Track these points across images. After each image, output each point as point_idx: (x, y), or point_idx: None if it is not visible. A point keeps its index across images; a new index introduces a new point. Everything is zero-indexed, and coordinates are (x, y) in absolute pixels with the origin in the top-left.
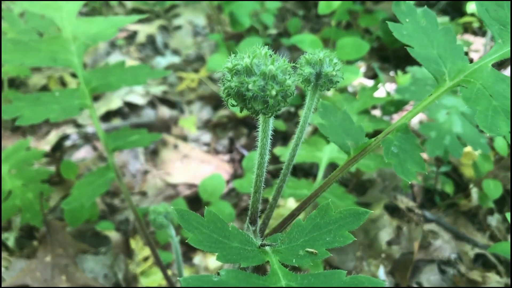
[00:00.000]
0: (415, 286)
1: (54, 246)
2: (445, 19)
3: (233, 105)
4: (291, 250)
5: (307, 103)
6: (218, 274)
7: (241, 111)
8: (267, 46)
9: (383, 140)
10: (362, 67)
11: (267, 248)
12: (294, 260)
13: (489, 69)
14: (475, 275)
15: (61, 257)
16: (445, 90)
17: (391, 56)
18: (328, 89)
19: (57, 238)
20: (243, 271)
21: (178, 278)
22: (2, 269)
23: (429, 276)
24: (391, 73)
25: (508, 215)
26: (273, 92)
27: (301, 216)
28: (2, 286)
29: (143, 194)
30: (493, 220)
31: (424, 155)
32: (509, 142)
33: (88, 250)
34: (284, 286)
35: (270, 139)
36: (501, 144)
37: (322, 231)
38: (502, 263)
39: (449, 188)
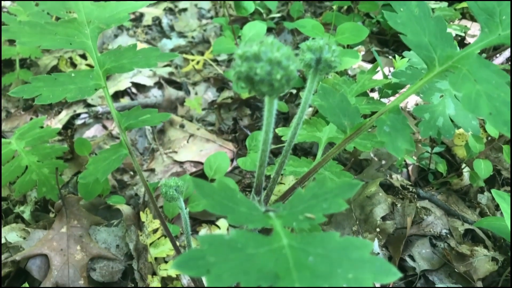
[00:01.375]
0: (407, 258)
1: (69, 218)
2: (443, 4)
3: (242, 88)
4: (292, 215)
5: (307, 86)
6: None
7: (249, 93)
8: (272, 34)
9: (377, 120)
10: (362, 51)
11: (270, 213)
12: (294, 223)
13: (475, 56)
14: (464, 249)
15: (76, 229)
16: (434, 75)
17: (390, 40)
18: (327, 73)
19: (72, 211)
20: (250, 231)
21: (187, 246)
22: (20, 239)
23: (421, 249)
24: (390, 57)
25: (494, 192)
26: (278, 76)
27: None
28: (22, 253)
29: (152, 171)
30: (483, 198)
31: (420, 136)
32: (492, 123)
33: (101, 223)
34: (285, 244)
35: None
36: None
37: (319, 200)
38: (490, 238)
39: (442, 168)
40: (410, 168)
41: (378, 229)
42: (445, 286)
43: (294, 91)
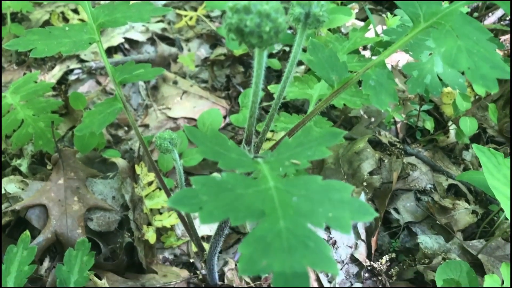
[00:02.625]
0: (392, 211)
1: (66, 170)
2: None
3: (233, 39)
4: (279, 161)
5: (297, 40)
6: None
7: (240, 45)
8: None
9: (363, 74)
10: (355, 9)
11: (259, 159)
12: (280, 168)
13: (458, 13)
14: (447, 202)
15: (72, 180)
16: (419, 31)
17: None
18: (316, 28)
19: (69, 163)
20: (240, 175)
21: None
22: (19, 190)
23: (406, 203)
24: (383, 15)
25: (475, 146)
26: (267, 28)
27: None
28: (22, 203)
29: (146, 126)
30: (468, 155)
31: (411, 95)
32: (469, 77)
33: (97, 175)
34: (272, 185)
35: (265, 77)
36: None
37: (304, 147)
38: (472, 192)
39: (429, 125)
40: (398, 125)
41: (365, 183)
42: (427, 236)
43: (287, 49)
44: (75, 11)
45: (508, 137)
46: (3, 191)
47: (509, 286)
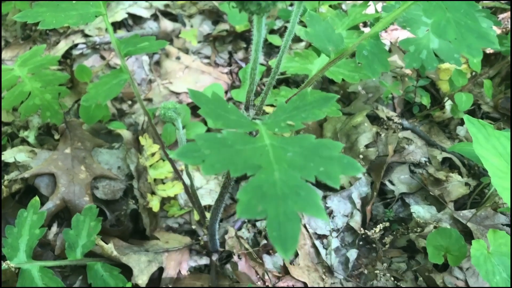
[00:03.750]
0: (387, 183)
1: (73, 140)
2: None
3: (233, 7)
4: (275, 122)
5: (294, 11)
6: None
7: (240, 11)
8: None
9: (358, 45)
10: None
11: (257, 121)
12: (277, 129)
13: None
14: (440, 175)
15: (79, 150)
16: (411, 3)
17: None
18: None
19: (76, 133)
20: (239, 133)
21: (184, 166)
22: (28, 159)
23: (400, 175)
24: None
25: (466, 117)
26: None
27: None
28: (31, 171)
29: (149, 100)
30: (462, 130)
31: (408, 71)
32: (456, 47)
33: (103, 145)
34: (268, 143)
35: (267, 53)
36: (474, 61)
37: (299, 111)
38: (465, 165)
39: (426, 101)
40: (395, 101)
41: (361, 156)
42: (420, 206)
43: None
44: None
45: (503, 113)
46: (12, 160)
47: (495, 250)
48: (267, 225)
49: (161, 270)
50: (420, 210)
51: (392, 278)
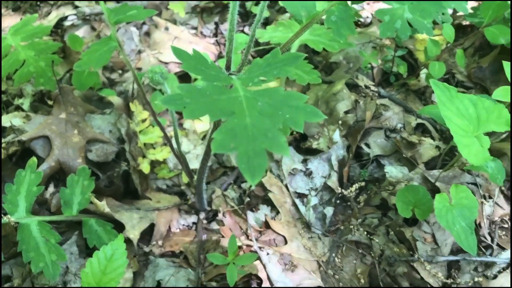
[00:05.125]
0: (363, 146)
1: (66, 105)
2: None
3: None
4: (250, 78)
5: None
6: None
7: None
8: None
9: (327, 11)
10: None
11: (233, 76)
12: (251, 83)
13: None
14: (413, 138)
15: (72, 115)
16: None
17: None
18: None
19: (68, 99)
20: (217, 85)
21: (174, 132)
22: (23, 123)
23: (376, 139)
24: None
25: (432, 81)
26: None
27: None
28: (27, 134)
29: (139, 69)
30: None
31: (387, 41)
32: (410, 11)
33: (95, 111)
34: (242, 94)
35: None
36: (448, 32)
37: (272, 67)
38: (437, 130)
39: (402, 69)
40: (374, 70)
41: (340, 122)
42: (393, 167)
43: None
44: None
45: (476, 82)
46: (9, 124)
47: (456, 202)
48: (237, 158)
49: (152, 226)
50: (393, 170)
51: (366, 233)
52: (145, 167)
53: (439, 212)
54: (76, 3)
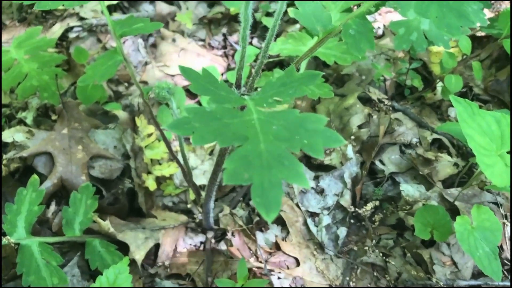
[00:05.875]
0: (377, 162)
1: (70, 121)
2: None
3: None
4: (263, 98)
5: None
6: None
7: None
8: None
9: (344, 24)
10: None
11: (245, 97)
12: (264, 104)
13: None
14: (430, 155)
15: (76, 130)
16: None
17: None
18: None
19: (72, 114)
20: (228, 107)
21: (180, 147)
22: (26, 139)
23: (391, 155)
24: None
25: (452, 97)
26: None
27: None
28: (29, 150)
29: (145, 83)
30: (453, 112)
31: (400, 54)
32: (436, 25)
33: (100, 126)
34: (255, 117)
35: (261, 36)
36: (465, 44)
37: (287, 87)
38: (454, 146)
39: (417, 83)
40: (387, 83)
41: (353, 137)
42: (409, 185)
43: (284, 7)
44: None
45: (493, 95)
46: (11, 139)
47: (478, 225)
48: (252, 191)
49: (157, 246)
50: (409, 189)
51: (381, 254)
52: (150, 184)
53: (460, 236)
54: (82, 14)
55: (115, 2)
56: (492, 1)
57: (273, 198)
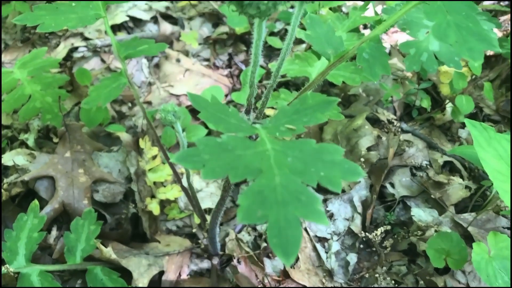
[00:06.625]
0: (387, 186)
1: (72, 143)
2: None
3: (233, 11)
4: (276, 126)
5: (295, 13)
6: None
7: (239, 14)
8: None
9: (358, 48)
10: None
11: (257, 125)
12: (277, 133)
13: None
14: (441, 178)
15: (79, 153)
16: (412, 6)
17: None
18: (313, 1)
19: (75, 136)
20: (240, 137)
21: (185, 170)
22: (27, 162)
23: (401, 178)
24: None
25: (467, 121)
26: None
27: None
28: (30, 174)
29: (149, 103)
30: (464, 133)
31: (408, 74)
32: (457, 50)
33: (103, 148)
34: (269, 147)
35: (267, 56)
36: (475, 64)
37: (300, 114)
38: (466, 168)
39: (426, 103)
40: (396, 103)
41: (362, 159)
42: (421, 209)
43: (289, 28)
44: None
45: (504, 115)
46: (12, 163)
47: (496, 253)
48: (268, 231)
49: (161, 273)
50: (421, 214)
51: (393, 282)
52: (154, 208)
53: (478, 265)
54: (86, 34)
55: (119, 22)
56: (501, 20)
57: (291, 238)
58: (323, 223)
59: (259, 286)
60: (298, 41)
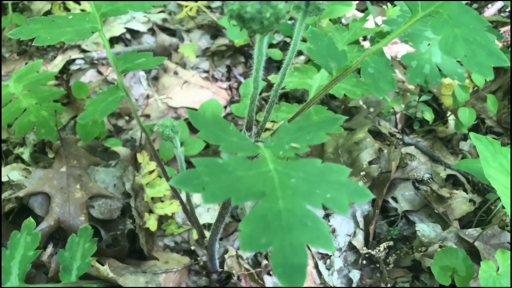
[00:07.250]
0: (390, 200)
1: (68, 158)
2: None
3: (234, 25)
4: (279, 145)
5: (297, 28)
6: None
7: (241, 30)
8: None
9: (362, 62)
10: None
11: (259, 143)
12: (280, 152)
13: (456, 1)
14: (444, 191)
15: (75, 168)
16: (417, 20)
17: None
18: (316, 15)
19: (71, 151)
20: (241, 157)
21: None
22: (22, 177)
23: (404, 192)
24: (384, 7)
25: (472, 134)
26: (267, 14)
27: None
28: (25, 190)
29: (147, 116)
30: (466, 145)
31: (410, 86)
32: (466, 65)
33: (99, 163)
34: (272, 168)
35: (266, 68)
36: (478, 76)
37: (304, 132)
38: (469, 182)
39: (428, 116)
40: (397, 116)
41: (363, 173)
42: (424, 224)
43: (288, 40)
44: (77, 1)
45: (506, 127)
46: (6, 179)
47: (505, 271)
48: (272, 259)
49: None
50: (425, 229)
51: None
52: (152, 224)
53: (485, 283)
54: (83, 46)
55: (117, 34)
56: (501, 31)
57: (296, 266)
58: (331, 249)
59: None
60: (297, 53)
